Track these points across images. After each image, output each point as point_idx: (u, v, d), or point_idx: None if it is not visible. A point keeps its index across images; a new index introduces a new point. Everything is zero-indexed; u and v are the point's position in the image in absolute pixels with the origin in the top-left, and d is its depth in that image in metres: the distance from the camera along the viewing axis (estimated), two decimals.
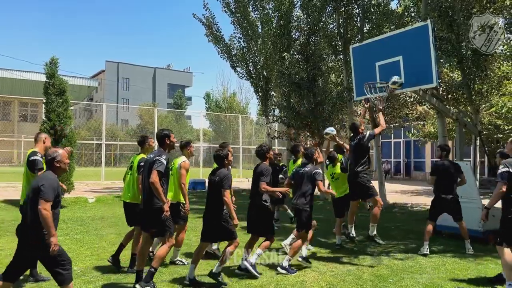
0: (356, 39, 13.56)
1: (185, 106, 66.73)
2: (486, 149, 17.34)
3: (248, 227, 6.04)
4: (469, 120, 10.85)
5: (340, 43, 14.01)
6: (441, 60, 11.90)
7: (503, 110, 15.70)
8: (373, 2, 13.08)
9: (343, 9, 13.61)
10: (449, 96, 11.21)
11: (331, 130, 7.87)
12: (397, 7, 13.43)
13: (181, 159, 6.02)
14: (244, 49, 17.87)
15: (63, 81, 12.79)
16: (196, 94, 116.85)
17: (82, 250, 7.04)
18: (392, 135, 28.24)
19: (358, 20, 13.74)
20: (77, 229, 9.03)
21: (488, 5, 10.26)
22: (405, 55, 7.73)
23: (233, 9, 17.22)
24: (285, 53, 15.18)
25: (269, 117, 17.83)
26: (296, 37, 16.02)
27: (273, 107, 17.87)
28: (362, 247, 7.60)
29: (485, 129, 16.08)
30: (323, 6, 14.08)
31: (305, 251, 6.45)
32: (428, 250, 6.98)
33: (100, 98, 61.27)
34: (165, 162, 4.98)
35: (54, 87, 12.57)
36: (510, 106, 15.30)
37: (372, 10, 13.08)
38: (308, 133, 15.97)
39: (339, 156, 7.95)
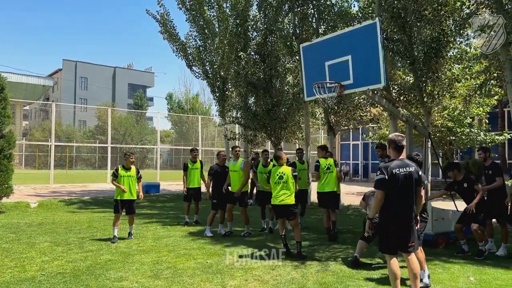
0: (312, 39, 13.39)
1: (146, 107, 65.36)
2: (440, 151, 17.65)
3: None
4: (419, 122, 10.87)
5: (296, 43, 13.81)
6: (398, 64, 11.93)
7: (455, 113, 16.03)
8: (327, 2, 12.94)
9: (298, 9, 13.41)
10: (401, 98, 11.21)
11: None
12: (351, 8, 13.35)
13: None
14: (200, 48, 17.37)
15: (1, 77, 11.94)
16: (158, 94, 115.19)
17: (6, 261, 6.40)
18: (351, 137, 28.54)
19: (314, 20, 13.58)
20: (8, 237, 8.31)
21: (440, 7, 10.31)
22: (354, 54, 7.54)
23: (188, 6, 16.69)
24: (241, 53, 14.84)
25: (226, 118, 17.40)
26: (253, 36, 15.73)
27: (230, 107, 17.44)
28: (311, 252, 7.34)
29: (438, 131, 16.31)
30: (279, 5, 13.87)
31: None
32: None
33: (57, 98, 59.04)
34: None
35: None
36: (462, 109, 15.63)
37: (327, 11, 12.94)
38: (264, 134, 15.71)
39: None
